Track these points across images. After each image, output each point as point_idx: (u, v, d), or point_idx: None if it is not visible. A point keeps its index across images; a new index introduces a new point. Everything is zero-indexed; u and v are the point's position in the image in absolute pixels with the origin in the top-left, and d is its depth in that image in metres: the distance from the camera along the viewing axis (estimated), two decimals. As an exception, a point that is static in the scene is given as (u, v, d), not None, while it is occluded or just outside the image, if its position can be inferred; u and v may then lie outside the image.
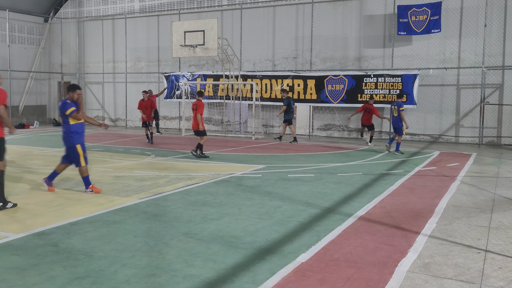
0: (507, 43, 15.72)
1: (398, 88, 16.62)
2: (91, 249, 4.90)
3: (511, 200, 7.49)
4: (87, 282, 4.03)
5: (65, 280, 4.08)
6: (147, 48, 22.45)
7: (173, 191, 7.88)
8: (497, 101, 15.98)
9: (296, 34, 19.08)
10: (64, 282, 4.04)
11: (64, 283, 4.02)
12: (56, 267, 4.38)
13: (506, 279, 4.22)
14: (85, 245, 5.03)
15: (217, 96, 19.95)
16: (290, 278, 4.20)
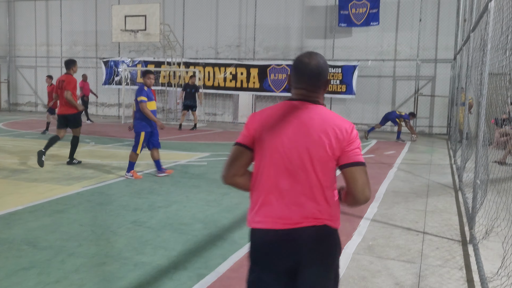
0: (439, 37, 16.58)
1: (339, 79, 17.10)
2: (35, 239, 4.71)
3: (444, 186, 7.97)
4: (33, 273, 3.88)
5: (9, 271, 3.90)
6: (84, 31, 21.57)
7: (117, 179, 7.69)
8: (429, 92, 16.86)
9: (239, 23, 19.07)
10: (8, 273, 3.86)
11: (8, 274, 3.84)
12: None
13: (443, 258, 4.52)
14: (27, 235, 4.82)
15: (159, 83, 19.59)
16: (243, 262, 4.26)
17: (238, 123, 19.40)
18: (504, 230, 4.20)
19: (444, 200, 6.94)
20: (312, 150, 2.11)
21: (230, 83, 18.73)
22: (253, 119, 2.25)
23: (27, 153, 10.07)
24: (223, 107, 19.71)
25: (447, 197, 7.15)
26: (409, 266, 4.30)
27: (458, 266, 4.33)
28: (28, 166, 8.66)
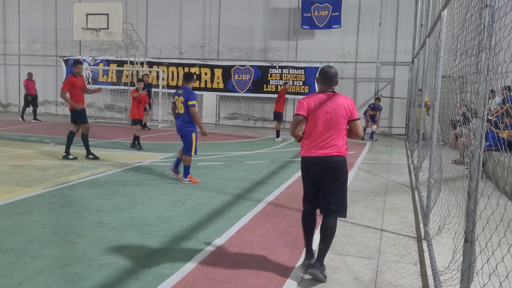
0: (398, 41, 17.11)
1: (302, 80, 17.37)
2: (-5, 242, 4.64)
3: (401, 185, 8.29)
4: (-6, 276, 3.84)
5: (-31, 274, 3.85)
6: (43, 29, 21.04)
7: (79, 181, 7.61)
8: (389, 94, 17.37)
9: (203, 23, 19.07)
10: (-32, 277, 3.81)
11: (-32, 278, 3.79)
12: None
13: (399, 254, 4.75)
14: (-13, 238, 4.74)
15: (121, 82, 19.35)
16: (207, 261, 4.35)
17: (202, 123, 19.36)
18: (455, 227, 4.46)
19: (401, 198, 7.23)
20: (338, 115, 4.04)
21: (194, 83, 18.67)
22: (306, 101, 4.10)
23: (-16, 154, 9.80)
24: (187, 107, 19.62)
25: (404, 195, 7.44)
26: (367, 262, 4.50)
27: (413, 261, 4.56)
28: None
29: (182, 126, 7.67)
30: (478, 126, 2.48)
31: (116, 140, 13.05)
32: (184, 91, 7.64)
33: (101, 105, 20.59)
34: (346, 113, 4.05)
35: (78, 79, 9.55)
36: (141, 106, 11.61)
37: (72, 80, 9.45)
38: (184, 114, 7.62)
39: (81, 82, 9.63)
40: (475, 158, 2.56)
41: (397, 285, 3.98)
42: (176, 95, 7.71)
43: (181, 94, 7.62)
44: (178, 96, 7.66)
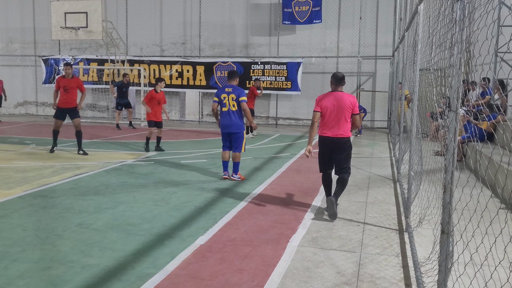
0: (379, 35, 17.23)
1: (284, 75, 17.40)
2: (-25, 247, 4.57)
3: (384, 178, 8.37)
4: (-26, 281, 3.79)
5: None
6: (21, 28, 20.71)
7: (60, 182, 7.53)
8: (371, 88, 17.50)
9: (184, 20, 18.96)
10: None
11: None
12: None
13: (381, 247, 4.80)
14: (-34, 243, 4.67)
15: (103, 81, 19.16)
16: (191, 260, 4.35)
17: (185, 121, 19.33)
18: (435, 218, 4.52)
19: (383, 191, 7.31)
20: (344, 107, 5.66)
21: (176, 80, 18.61)
22: (320, 100, 5.78)
23: (-38, 157, 9.63)
24: (170, 105, 19.55)
25: (386, 188, 7.52)
26: (350, 256, 4.54)
27: (395, 253, 4.62)
28: (-36, 170, 8.30)
29: (235, 124, 7.67)
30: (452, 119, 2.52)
31: (98, 139, 12.93)
32: (233, 88, 7.65)
33: (82, 104, 20.33)
34: (350, 107, 5.73)
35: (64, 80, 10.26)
36: (159, 107, 10.70)
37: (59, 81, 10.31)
38: (237, 111, 7.63)
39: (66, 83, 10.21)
40: (449, 151, 2.59)
41: (379, 277, 4.03)
42: (224, 93, 7.65)
43: (230, 92, 7.60)
44: (227, 94, 7.62)
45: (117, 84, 15.80)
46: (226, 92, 7.66)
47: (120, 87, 15.68)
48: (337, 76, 5.79)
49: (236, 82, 7.80)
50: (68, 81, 10.20)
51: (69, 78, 10.24)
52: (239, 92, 7.63)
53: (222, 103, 7.69)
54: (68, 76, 10.23)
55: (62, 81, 10.19)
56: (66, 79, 10.23)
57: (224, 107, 7.67)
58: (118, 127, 15.77)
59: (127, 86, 15.84)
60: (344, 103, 5.68)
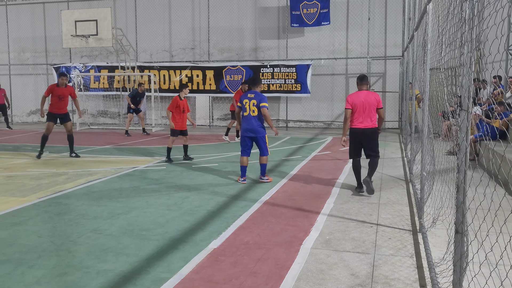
0: (388, 35, 17.17)
1: (293, 78, 17.41)
2: (-8, 254, 4.63)
3: (396, 178, 8.33)
4: (-8, 288, 3.85)
5: (-33, 287, 3.85)
6: (32, 37, 20.98)
7: (74, 188, 7.61)
8: (381, 88, 17.43)
9: (193, 25, 19.07)
10: (-35, 290, 3.81)
11: (-34, 291, 3.79)
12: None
13: (395, 248, 4.78)
14: (-16, 250, 4.74)
15: (113, 88, 19.33)
16: (204, 263, 4.37)
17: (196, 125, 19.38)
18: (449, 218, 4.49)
19: (396, 192, 7.27)
20: (370, 103, 6.97)
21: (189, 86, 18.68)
22: (350, 98, 7.05)
23: (-22, 166, 9.77)
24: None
25: (399, 189, 7.48)
26: (363, 257, 4.53)
27: (409, 254, 4.59)
28: (-21, 179, 8.42)
29: (256, 128, 7.91)
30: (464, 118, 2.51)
31: (110, 146, 13.04)
32: (255, 94, 7.95)
33: (94, 111, 20.55)
34: (375, 103, 7.01)
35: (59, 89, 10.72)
36: (184, 115, 10.23)
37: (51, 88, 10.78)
38: (257, 116, 7.90)
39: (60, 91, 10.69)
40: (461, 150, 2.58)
41: (393, 279, 4.01)
42: (246, 99, 7.94)
43: (252, 98, 7.90)
44: (248, 100, 7.91)
45: (132, 93, 15.74)
46: (248, 97, 7.96)
47: (134, 97, 15.59)
48: (361, 77, 7.21)
49: (259, 88, 8.13)
50: (62, 90, 10.73)
51: (63, 87, 10.77)
52: (260, 98, 7.91)
53: (244, 108, 7.96)
54: (62, 85, 10.75)
55: (56, 90, 10.68)
56: (61, 88, 10.73)
57: (245, 111, 7.95)
58: (127, 133, 15.78)
59: (141, 95, 15.73)
60: (370, 99, 6.97)
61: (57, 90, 10.70)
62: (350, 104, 7.01)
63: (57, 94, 10.65)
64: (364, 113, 6.95)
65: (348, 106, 7.02)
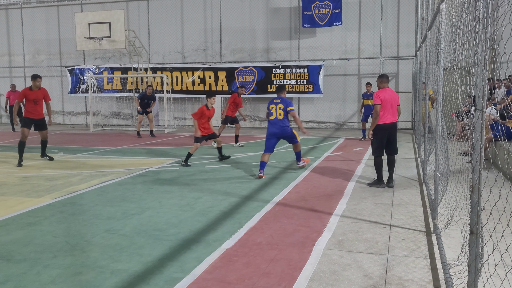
0: (400, 35, 17.06)
1: (305, 79, 17.38)
2: (8, 253, 4.70)
3: (409, 179, 8.27)
4: (8, 287, 3.90)
5: (-16, 286, 3.91)
6: (47, 40, 21.24)
7: (88, 189, 7.68)
8: (394, 88, 17.32)
9: (205, 26, 19.14)
10: (-17, 288, 3.87)
11: (-17, 289, 3.85)
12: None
13: (409, 249, 4.75)
14: (0, 250, 4.81)
15: (126, 89, 19.48)
16: (217, 264, 4.38)
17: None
18: (463, 219, 4.45)
19: (409, 193, 7.22)
20: (394, 100, 7.58)
21: (198, 87, 18.79)
22: (380, 95, 7.45)
23: (-6, 167, 9.91)
24: (193, 111, 19.72)
25: (412, 190, 7.43)
26: (377, 258, 4.50)
27: (423, 255, 4.56)
28: None
29: (283, 129, 8.73)
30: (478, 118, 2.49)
31: (123, 147, 13.14)
32: (281, 100, 8.78)
33: (107, 113, 20.73)
34: (397, 100, 7.63)
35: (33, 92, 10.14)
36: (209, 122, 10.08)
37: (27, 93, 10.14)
38: (284, 119, 8.70)
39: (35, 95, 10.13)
40: (476, 150, 2.56)
41: (407, 280, 3.99)
42: (272, 104, 8.79)
43: (278, 103, 8.72)
44: (275, 105, 8.73)
45: (140, 95, 15.70)
46: (274, 103, 8.77)
47: (142, 98, 15.46)
48: (383, 75, 7.76)
49: (284, 94, 9.01)
50: (37, 93, 10.14)
51: (37, 90, 10.16)
52: (287, 103, 8.76)
53: (270, 112, 8.72)
54: (36, 88, 10.13)
55: (31, 94, 10.05)
56: (34, 91, 10.12)
57: (271, 116, 8.71)
58: (138, 134, 15.79)
59: (150, 98, 15.48)
60: (394, 96, 7.59)
61: (31, 94, 10.06)
62: (381, 100, 7.37)
63: (32, 98, 10.05)
64: (391, 109, 7.44)
65: (378, 102, 7.37)
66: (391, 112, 7.49)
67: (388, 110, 7.44)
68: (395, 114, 7.54)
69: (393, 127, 7.59)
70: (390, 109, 7.46)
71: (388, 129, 7.52)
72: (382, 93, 7.45)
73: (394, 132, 7.61)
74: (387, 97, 7.43)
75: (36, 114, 10.20)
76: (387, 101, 7.41)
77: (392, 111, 7.49)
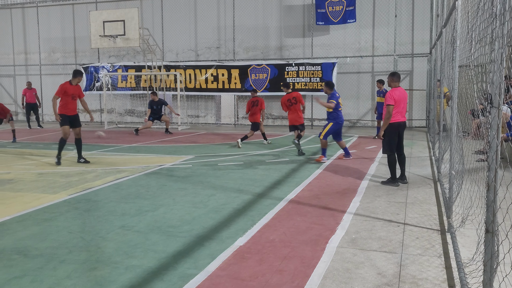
0: (415, 32, 16.91)
1: (318, 76, 17.32)
2: (25, 248, 4.78)
3: (424, 178, 8.21)
4: (26, 281, 3.97)
5: (2, 280, 3.98)
6: (62, 38, 21.45)
7: (103, 186, 7.76)
8: (408, 86, 17.18)
9: (218, 24, 19.17)
10: (1, 282, 3.94)
11: (1, 283, 3.92)
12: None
13: (423, 247, 4.72)
14: (17, 245, 4.89)
15: (140, 87, 19.60)
16: (230, 261, 4.40)
17: (221, 124, 19.52)
18: (478, 218, 4.41)
19: (423, 191, 7.17)
20: (405, 99, 7.66)
21: (211, 84, 18.82)
22: (394, 95, 7.43)
23: (10, 163, 10.06)
24: (206, 109, 19.80)
25: (426, 188, 7.38)
26: (390, 256, 4.49)
27: (437, 254, 4.53)
28: (12, 176, 8.67)
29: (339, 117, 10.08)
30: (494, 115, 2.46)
31: (137, 144, 13.23)
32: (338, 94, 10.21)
33: (121, 110, 20.89)
34: (406, 98, 7.71)
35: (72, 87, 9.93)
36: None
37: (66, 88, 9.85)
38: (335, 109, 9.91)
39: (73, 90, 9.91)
40: (492, 148, 2.54)
41: (421, 278, 3.96)
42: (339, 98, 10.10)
43: (338, 96, 10.05)
44: (339, 98, 10.06)
45: (149, 105, 15.93)
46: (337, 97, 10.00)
47: (151, 106, 15.78)
48: (395, 74, 7.72)
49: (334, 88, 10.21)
50: (75, 89, 9.99)
51: (75, 86, 10.01)
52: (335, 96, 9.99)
53: (339, 104, 9.96)
54: (75, 84, 9.99)
55: (70, 89, 9.86)
56: (74, 86, 9.96)
57: (339, 107, 9.98)
58: (136, 132, 15.81)
59: (157, 103, 15.74)
60: (405, 95, 7.67)
61: (70, 88, 9.85)
62: (394, 100, 7.40)
63: (71, 93, 9.85)
64: (403, 107, 7.61)
65: (392, 102, 7.38)
66: (404, 111, 7.64)
67: (400, 108, 7.52)
68: (404, 113, 7.70)
69: (404, 126, 7.72)
70: (402, 108, 7.57)
71: (401, 127, 7.64)
72: (396, 92, 7.48)
73: (403, 131, 7.76)
74: (400, 96, 7.50)
75: (72, 110, 10.02)
76: (400, 101, 7.49)
77: (404, 111, 7.65)
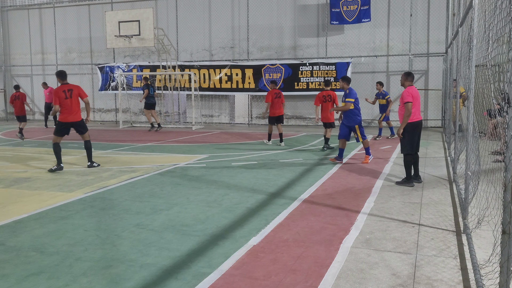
0: (431, 31, 16.75)
1: (333, 76, 17.26)
2: (42, 246, 4.85)
3: (439, 178, 8.13)
4: (42, 278, 4.03)
5: (19, 277, 4.05)
6: (78, 38, 21.69)
7: (118, 184, 7.83)
8: (423, 86, 17.03)
9: (232, 24, 19.21)
10: (18, 279, 4.00)
11: (18, 280, 3.98)
12: (7, 266, 4.31)
13: (438, 248, 4.68)
14: (34, 242, 4.96)
15: (155, 87, 19.71)
16: (244, 260, 4.41)
17: (235, 123, 19.56)
18: (495, 219, 4.36)
19: (439, 192, 7.10)
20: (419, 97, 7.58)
21: (225, 84, 18.88)
22: (412, 92, 7.38)
23: (27, 162, 10.21)
24: (220, 108, 19.86)
25: (441, 189, 7.31)
26: (405, 257, 4.46)
27: (453, 255, 4.49)
28: (29, 174, 8.80)
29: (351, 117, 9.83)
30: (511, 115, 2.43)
31: (152, 143, 13.32)
32: None
33: (136, 110, 21.06)
34: (419, 97, 7.65)
35: None
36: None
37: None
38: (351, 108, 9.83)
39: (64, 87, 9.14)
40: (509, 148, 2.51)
41: (436, 280, 3.93)
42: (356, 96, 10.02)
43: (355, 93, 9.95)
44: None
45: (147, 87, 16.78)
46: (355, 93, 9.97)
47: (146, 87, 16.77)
48: (409, 73, 7.70)
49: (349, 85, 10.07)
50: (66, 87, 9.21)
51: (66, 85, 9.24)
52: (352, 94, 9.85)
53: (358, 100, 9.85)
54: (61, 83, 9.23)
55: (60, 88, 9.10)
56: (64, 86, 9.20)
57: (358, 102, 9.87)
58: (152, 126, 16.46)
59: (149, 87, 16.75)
60: (418, 94, 7.63)
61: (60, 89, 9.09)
62: (412, 97, 7.37)
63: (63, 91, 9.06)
64: (419, 106, 7.56)
65: (410, 99, 7.32)
66: (419, 111, 7.57)
67: (417, 108, 7.47)
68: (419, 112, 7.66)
69: (422, 124, 7.67)
70: (419, 106, 7.53)
71: (420, 126, 7.59)
72: (412, 91, 7.44)
73: (421, 130, 7.70)
74: (416, 95, 7.49)
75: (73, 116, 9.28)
76: (416, 99, 7.47)
77: (419, 109, 7.58)
